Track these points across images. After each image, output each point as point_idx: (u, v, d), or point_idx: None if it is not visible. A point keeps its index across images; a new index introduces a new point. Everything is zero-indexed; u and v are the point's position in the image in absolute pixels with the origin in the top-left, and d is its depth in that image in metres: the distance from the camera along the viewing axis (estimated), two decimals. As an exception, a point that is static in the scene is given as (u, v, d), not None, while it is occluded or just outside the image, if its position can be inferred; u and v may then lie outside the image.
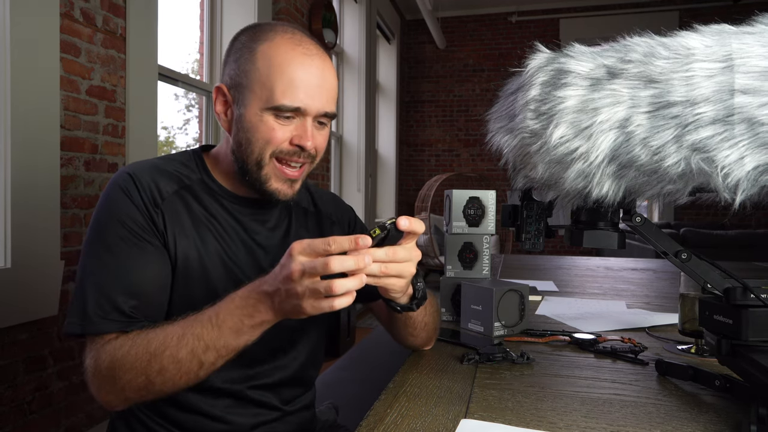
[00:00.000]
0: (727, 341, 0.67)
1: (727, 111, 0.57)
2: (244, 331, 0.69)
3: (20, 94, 1.66)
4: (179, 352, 0.70)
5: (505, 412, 0.69)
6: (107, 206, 0.80)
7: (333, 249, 0.63)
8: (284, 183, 0.84)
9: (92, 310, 0.74)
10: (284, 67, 0.80)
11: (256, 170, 0.83)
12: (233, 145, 0.85)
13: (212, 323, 0.70)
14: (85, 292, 0.76)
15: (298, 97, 0.80)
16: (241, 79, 0.82)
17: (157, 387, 0.72)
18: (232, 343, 0.70)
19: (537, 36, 6.38)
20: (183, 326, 0.71)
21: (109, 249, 0.77)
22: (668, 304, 1.45)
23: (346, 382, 2.79)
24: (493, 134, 0.75)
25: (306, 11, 3.84)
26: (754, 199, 0.60)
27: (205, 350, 0.70)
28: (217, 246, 0.85)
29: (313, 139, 0.82)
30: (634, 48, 0.63)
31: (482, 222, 1.18)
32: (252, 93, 0.81)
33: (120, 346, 0.72)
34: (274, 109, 0.80)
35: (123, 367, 0.71)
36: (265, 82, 0.80)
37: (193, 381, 0.72)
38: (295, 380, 0.93)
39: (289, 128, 0.82)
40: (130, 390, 0.72)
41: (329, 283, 0.63)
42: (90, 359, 0.75)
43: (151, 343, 0.71)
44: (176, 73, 2.68)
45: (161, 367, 0.70)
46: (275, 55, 0.80)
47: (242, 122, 0.82)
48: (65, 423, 1.90)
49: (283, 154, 0.82)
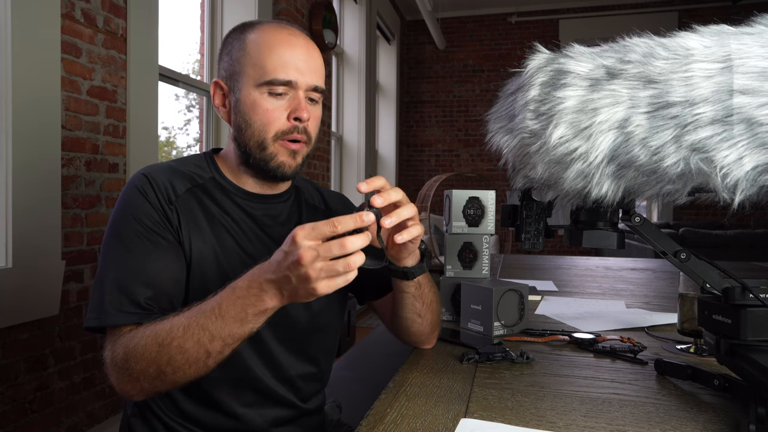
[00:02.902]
0: (726, 341, 0.68)
1: (726, 111, 0.57)
2: (248, 320, 0.70)
3: (22, 94, 1.67)
4: (185, 342, 0.71)
5: (505, 411, 0.69)
6: (124, 205, 0.83)
7: (340, 229, 0.64)
8: (288, 156, 0.87)
9: (109, 304, 0.77)
10: (273, 47, 0.85)
11: (260, 151, 0.86)
12: (234, 132, 0.89)
13: (215, 314, 0.71)
14: (103, 288, 0.78)
15: (289, 71, 0.84)
16: (234, 68, 0.87)
17: (169, 377, 0.73)
18: (237, 332, 0.71)
19: (536, 36, 6.39)
20: (188, 317, 0.73)
21: (125, 245, 0.80)
22: (667, 303, 1.45)
23: (346, 381, 2.79)
24: (493, 134, 0.76)
25: (306, 12, 3.85)
26: (753, 199, 0.60)
27: (211, 340, 0.71)
28: (232, 241, 0.87)
29: (307, 111, 0.86)
30: (634, 48, 0.63)
31: (482, 222, 1.18)
32: (245, 75, 0.85)
33: (132, 337, 0.74)
34: (267, 84, 0.84)
35: (135, 357, 0.73)
36: (257, 62, 0.85)
37: (203, 370, 0.74)
38: (313, 375, 0.95)
39: (282, 105, 0.85)
40: (144, 380, 0.74)
41: (346, 260, 0.64)
42: (108, 351, 0.77)
43: (159, 334, 0.72)
44: (177, 73, 2.69)
45: (170, 358, 0.72)
46: (263, 38, 0.86)
47: (239, 105, 0.87)
48: (66, 422, 1.90)
49: (285, 134, 0.86)
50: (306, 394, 0.95)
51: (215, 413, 0.86)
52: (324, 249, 0.64)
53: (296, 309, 0.90)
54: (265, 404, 0.89)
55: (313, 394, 0.97)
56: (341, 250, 0.63)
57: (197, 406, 0.86)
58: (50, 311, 1.81)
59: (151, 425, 0.88)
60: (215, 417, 0.86)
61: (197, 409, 0.86)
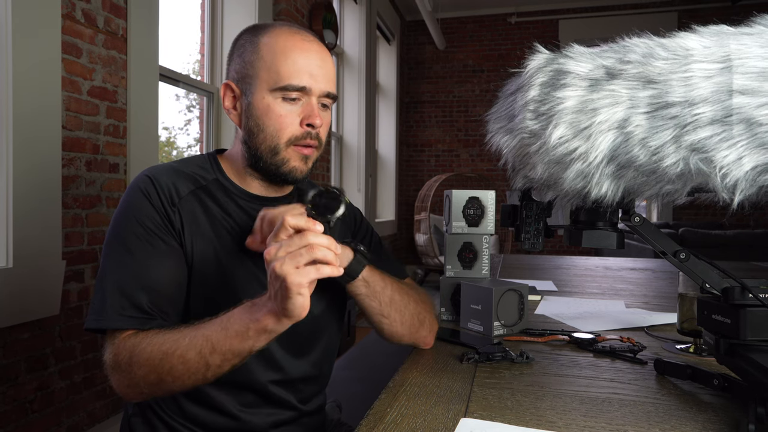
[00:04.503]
0: (726, 340, 0.68)
1: (726, 111, 0.57)
2: (248, 336, 0.70)
3: (22, 94, 1.67)
4: (188, 352, 0.72)
5: (505, 411, 0.69)
6: (126, 207, 0.83)
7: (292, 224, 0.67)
8: (300, 161, 0.87)
9: (110, 306, 0.77)
10: (287, 52, 0.84)
11: (271, 156, 0.86)
12: (244, 135, 0.88)
13: (221, 325, 0.72)
14: (104, 290, 0.78)
15: (303, 77, 0.84)
16: (247, 71, 0.86)
17: (168, 385, 0.74)
18: (236, 347, 0.71)
19: (536, 37, 6.39)
20: (196, 327, 0.73)
21: (127, 247, 0.80)
22: (667, 303, 1.45)
23: (346, 381, 2.79)
24: (493, 135, 0.76)
25: (306, 12, 3.85)
26: (753, 199, 0.60)
27: (211, 352, 0.71)
28: (235, 244, 0.87)
29: (320, 118, 0.86)
30: (633, 49, 0.63)
31: (482, 222, 1.18)
32: (259, 79, 0.85)
33: (138, 343, 0.75)
34: (282, 90, 0.84)
35: (138, 363, 0.73)
36: (271, 66, 0.84)
37: (201, 382, 0.74)
38: (313, 377, 0.95)
39: (296, 110, 0.85)
40: (144, 385, 0.74)
41: (309, 245, 0.65)
42: (109, 354, 0.77)
43: (165, 343, 0.73)
44: (177, 73, 2.69)
45: (171, 366, 0.72)
46: (277, 43, 0.85)
47: (251, 109, 0.86)
48: (67, 422, 1.90)
49: (298, 140, 0.86)
50: (306, 396, 0.95)
51: (215, 414, 0.86)
52: (287, 242, 0.66)
53: None
54: (265, 406, 0.89)
55: (314, 396, 0.97)
56: (301, 240, 0.65)
57: (198, 406, 0.86)
58: (51, 311, 1.81)
59: (152, 425, 0.88)
60: (215, 417, 0.86)
61: (198, 409, 0.86)
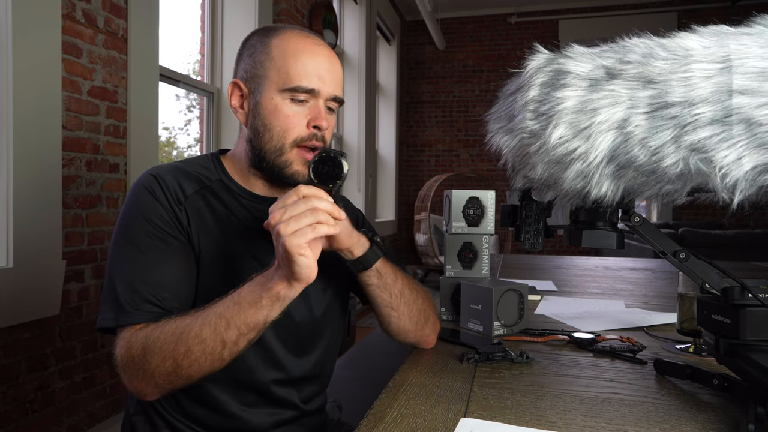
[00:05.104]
0: (725, 340, 0.68)
1: (726, 111, 0.57)
2: (262, 305, 0.71)
3: (22, 94, 1.67)
4: (203, 331, 0.72)
5: (505, 411, 0.69)
6: (133, 205, 0.83)
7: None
8: (303, 165, 0.88)
9: (126, 303, 0.77)
10: (298, 55, 0.85)
11: (276, 157, 0.87)
12: (250, 134, 0.89)
13: (233, 300, 0.73)
14: (116, 288, 0.78)
15: (312, 80, 0.85)
16: (256, 70, 0.87)
17: (185, 371, 0.73)
18: (251, 319, 0.72)
19: (536, 37, 6.39)
20: (207, 308, 0.74)
21: (137, 245, 0.80)
22: (667, 303, 1.46)
23: (346, 380, 2.79)
24: (493, 135, 0.76)
25: (306, 12, 3.85)
26: (752, 199, 0.60)
27: (226, 328, 0.72)
28: (240, 243, 0.87)
29: (326, 120, 0.87)
30: (633, 49, 0.63)
31: (482, 222, 1.18)
32: (268, 79, 0.86)
33: (151, 331, 0.75)
34: (291, 91, 0.85)
35: (152, 351, 0.73)
36: (281, 67, 0.85)
37: (218, 364, 0.74)
38: (315, 377, 0.95)
39: (303, 112, 0.86)
40: (159, 375, 0.74)
41: (313, 208, 0.68)
42: (121, 348, 0.77)
43: (178, 327, 0.73)
44: (177, 73, 2.69)
45: (187, 349, 0.72)
46: (288, 45, 0.86)
47: (259, 109, 0.87)
48: (67, 422, 1.90)
49: (304, 141, 0.86)
50: (307, 396, 0.95)
51: (216, 413, 0.86)
52: (291, 206, 0.68)
53: (298, 310, 0.90)
54: (266, 405, 0.89)
55: (315, 395, 0.97)
56: (306, 204, 0.68)
57: (199, 405, 0.86)
58: (51, 311, 1.81)
59: (154, 423, 0.88)
60: (217, 417, 0.87)
61: (199, 408, 0.87)
